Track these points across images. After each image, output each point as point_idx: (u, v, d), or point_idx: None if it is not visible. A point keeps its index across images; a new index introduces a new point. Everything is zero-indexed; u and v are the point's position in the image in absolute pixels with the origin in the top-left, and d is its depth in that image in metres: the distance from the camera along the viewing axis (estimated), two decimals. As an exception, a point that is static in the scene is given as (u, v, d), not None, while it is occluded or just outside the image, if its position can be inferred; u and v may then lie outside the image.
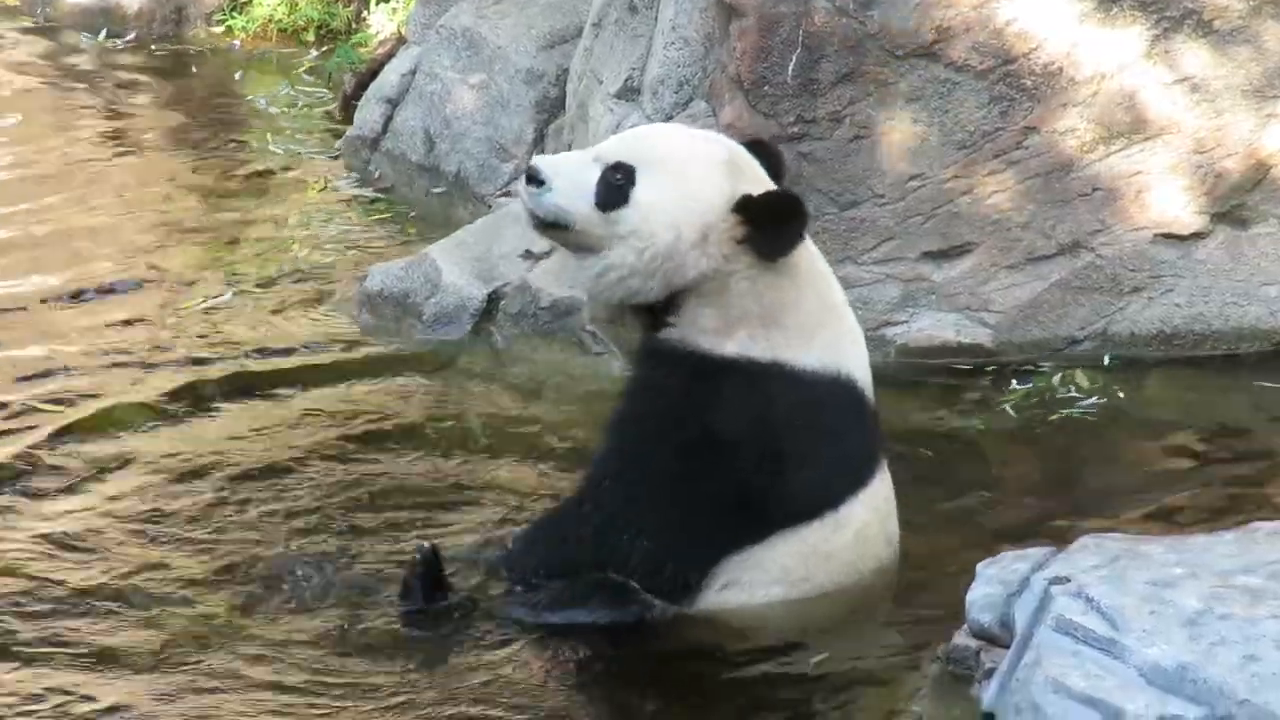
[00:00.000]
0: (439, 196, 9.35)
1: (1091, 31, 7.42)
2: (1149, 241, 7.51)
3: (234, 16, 12.50)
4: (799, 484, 5.47)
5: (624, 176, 5.45)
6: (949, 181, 7.48)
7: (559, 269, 7.72)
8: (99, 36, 12.59)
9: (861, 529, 5.58)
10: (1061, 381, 7.29)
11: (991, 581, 4.79)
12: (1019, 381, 7.33)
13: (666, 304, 5.50)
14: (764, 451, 5.44)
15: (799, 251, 5.48)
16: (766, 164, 5.61)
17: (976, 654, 4.79)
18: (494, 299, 7.94)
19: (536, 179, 5.48)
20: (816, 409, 5.49)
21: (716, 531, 5.49)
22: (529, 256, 8.03)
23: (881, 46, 7.43)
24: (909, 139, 7.46)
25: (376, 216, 9.31)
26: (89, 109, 11.25)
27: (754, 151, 5.61)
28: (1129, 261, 7.50)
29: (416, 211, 9.31)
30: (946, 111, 7.46)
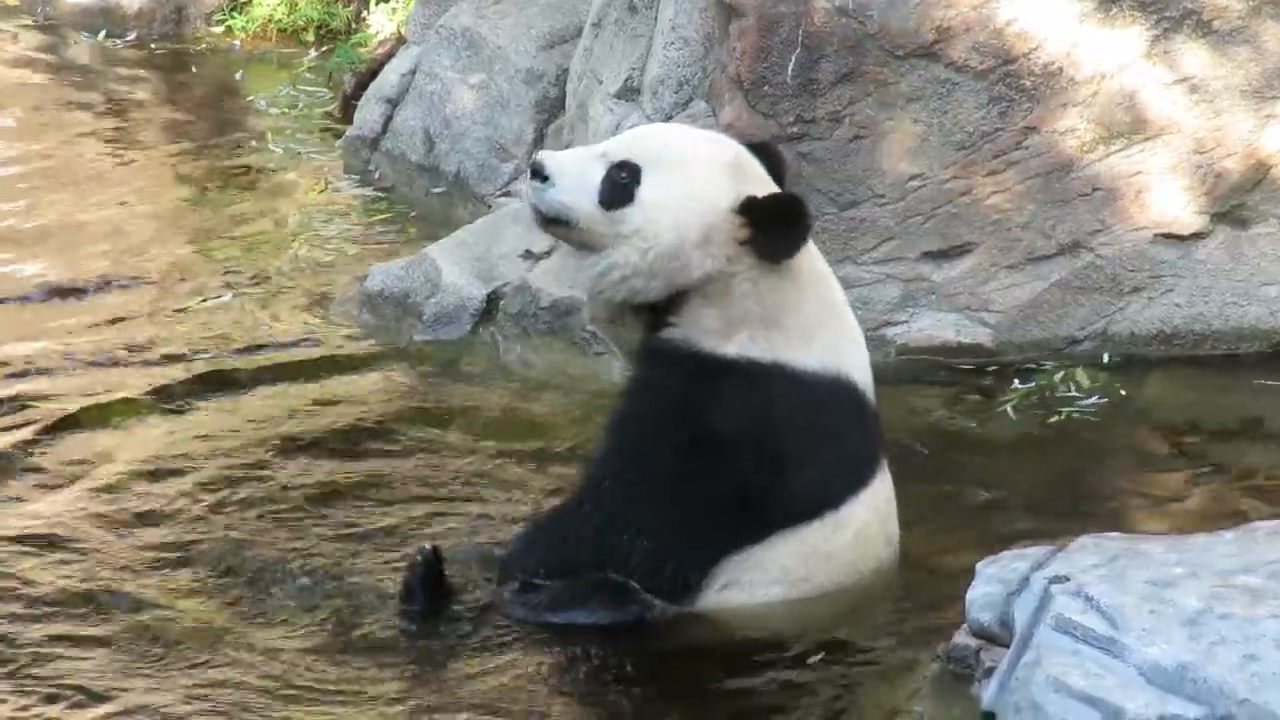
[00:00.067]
0: (439, 196, 9.34)
1: (1091, 32, 7.42)
2: (1149, 241, 7.51)
3: (234, 16, 12.50)
4: (799, 484, 5.47)
5: (629, 175, 5.45)
6: (949, 181, 7.48)
7: (559, 268, 7.72)
8: (99, 36, 12.59)
9: (862, 529, 5.57)
10: (1062, 380, 7.29)
11: (991, 581, 4.78)
12: (1020, 381, 7.33)
13: (668, 304, 5.50)
14: (764, 452, 5.43)
15: (801, 253, 5.48)
16: (768, 165, 5.61)
17: (976, 653, 4.78)
18: (494, 299, 7.94)
19: (541, 174, 5.48)
20: (817, 410, 5.49)
21: (717, 531, 5.49)
22: (529, 256, 8.03)
23: (881, 46, 7.43)
24: (909, 139, 7.46)
25: (376, 216, 9.31)
26: (89, 109, 11.24)
27: (756, 153, 5.61)
28: (1129, 261, 7.50)
29: (416, 211, 9.31)
30: (946, 112, 7.46)
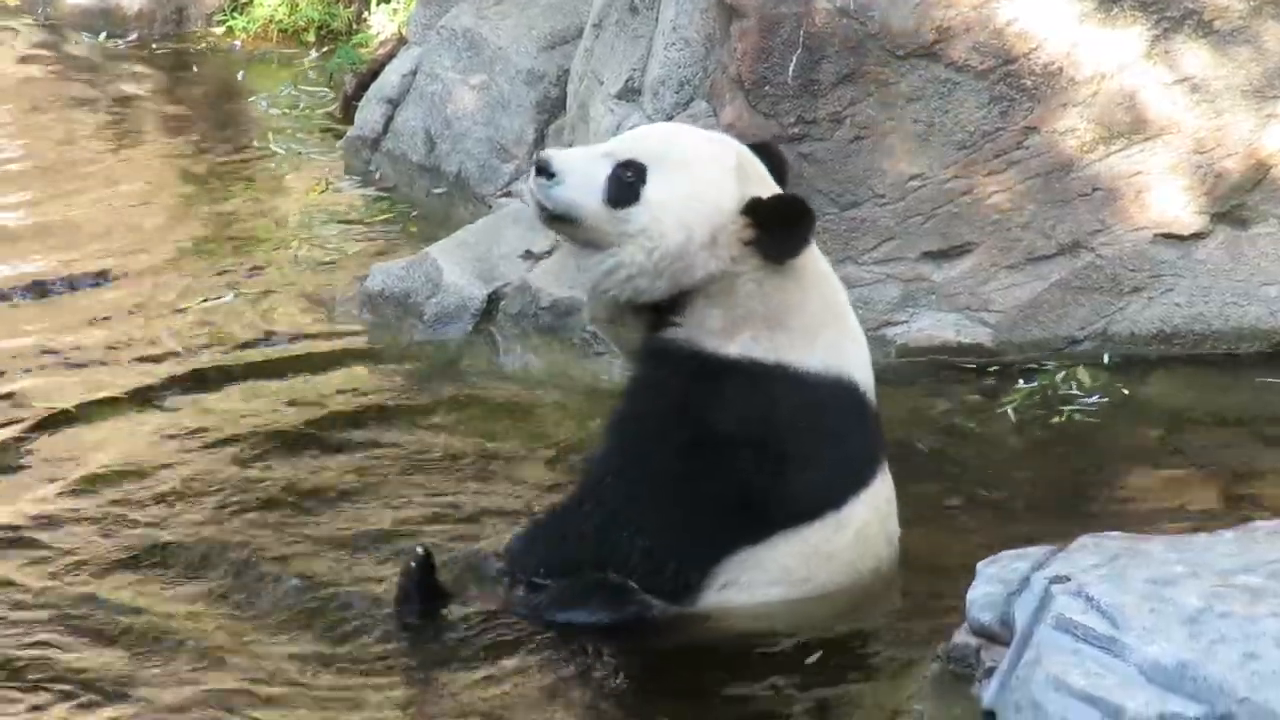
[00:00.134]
0: (440, 197, 9.34)
1: (1092, 31, 7.43)
2: (1149, 241, 7.51)
3: (235, 17, 12.50)
4: (801, 484, 5.47)
5: (635, 174, 5.45)
6: (949, 181, 7.48)
7: (560, 268, 7.72)
8: (100, 37, 12.59)
9: (862, 529, 5.58)
10: (1063, 380, 7.29)
11: (992, 580, 4.78)
12: (1022, 381, 7.33)
13: (670, 304, 5.50)
14: (766, 452, 5.43)
15: (804, 254, 5.49)
16: (770, 166, 5.62)
17: (977, 652, 4.79)
18: (494, 299, 7.94)
19: (547, 171, 5.47)
20: (819, 411, 5.49)
21: (717, 531, 5.48)
22: (529, 257, 8.03)
23: (882, 47, 7.44)
24: (909, 139, 7.46)
25: (377, 217, 9.30)
26: (89, 109, 11.24)
27: (758, 153, 5.62)
28: (1129, 261, 7.50)
29: (417, 211, 9.30)
30: (947, 112, 7.46)
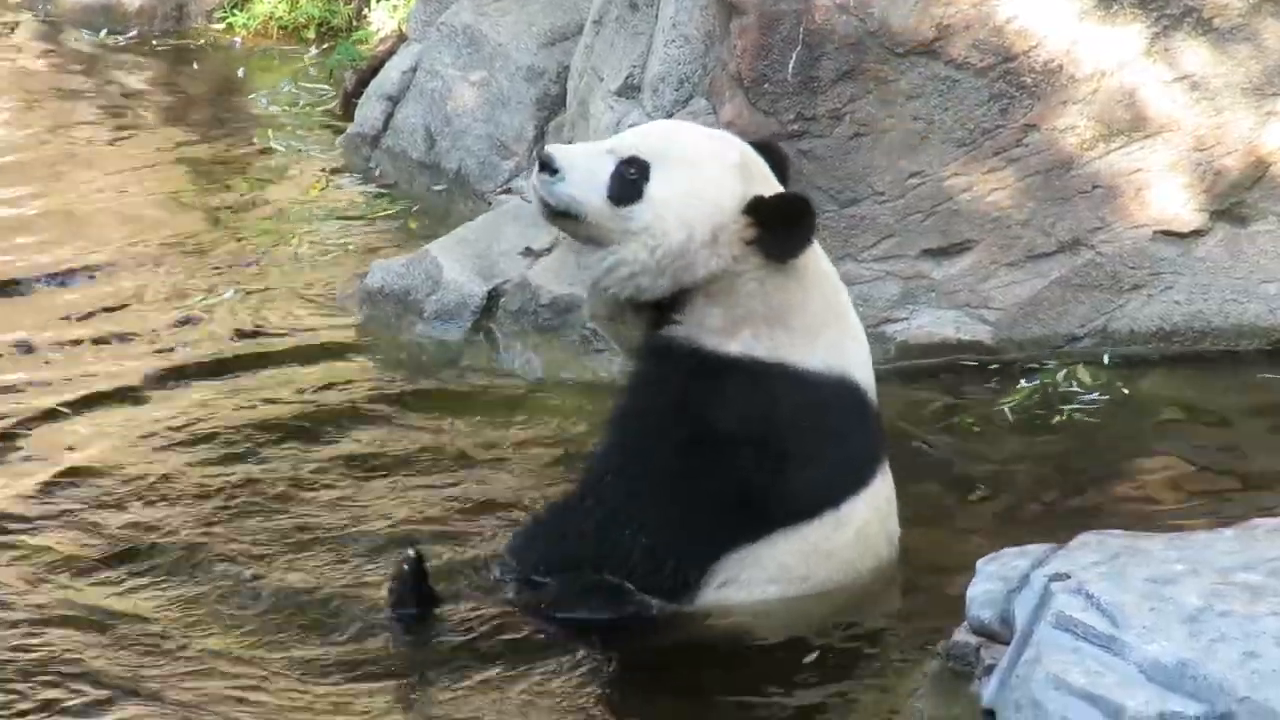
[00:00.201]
0: (440, 193, 9.33)
1: (1091, 29, 7.42)
2: (1149, 239, 7.51)
3: (235, 14, 12.49)
4: (801, 483, 5.47)
5: (638, 172, 5.45)
6: (949, 179, 7.48)
7: (560, 265, 7.72)
8: (100, 33, 12.59)
9: (862, 527, 5.58)
10: (1064, 379, 7.29)
11: (992, 578, 4.78)
12: (1022, 378, 7.33)
13: (672, 301, 5.50)
14: (766, 450, 5.44)
15: (806, 253, 5.49)
16: (772, 164, 5.62)
17: (977, 650, 4.79)
18: (494, 296, 7.93)
19: (550, 167, 5.46)
20: (820, 409, 5.49)
21: (717, 529, 5.49)
22: (529, 254, 8.03)
23: (881, 44, 7.43)
24: (909, 136, 7.46)
25: (377, 214, 9.30)
26: (89, 105, 11.24)
27: (760, 151, 5.62)
28: (1129, 259, 7.50)
29: (417, 208, 9.30)
30: (946, 109, 7.46)
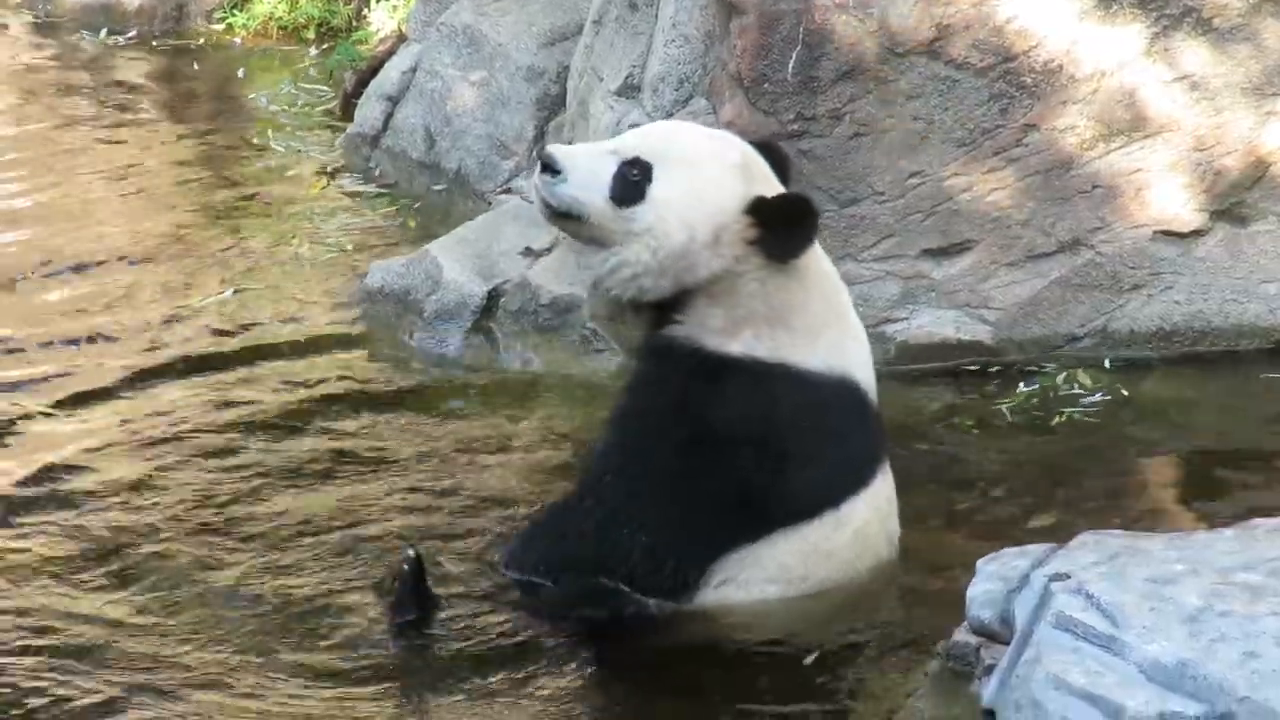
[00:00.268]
0: (439, 193, 9.34)
1: (1091, 29, 7.42)
2: (1149, 239, 7.51)
3: (235, 14, 12.51)
4: (801, 483, 5.48)
5: (640, 173, 5.45)
6: (949, 179, 7.48)
7: (560, 265, 7.73)
8: (100, 34, 12.59)
9: (862, 527, 5.58)
10: (1064, 381, 7.29)
11: (992, 578, 4.78)
12: (1022, 379, 7.33)
13: (673, 302, 5.50)
14: (767, 450, 5.44)
15: (807, 253, 5.49)
16: (773, 164, 5.62)
17: (977, 650, 4.78)
18: (494, 296, 7.93)
19: (553, 168, 5.46)
20: (820, 410, 5.49)
21: (717, 529, 5.49)
22: (529, 254, 8.03)
23: (881, 44, 7.43)
24: (909, 136, 7.46)
25: (377, 214, 9.31)
26: (89, 105, 11.24)
27: (761, 151, 5.62)
28: (1129, 259, 7.50)
29: (417, 208, 9.31)
30: (946, 109, 7.46)
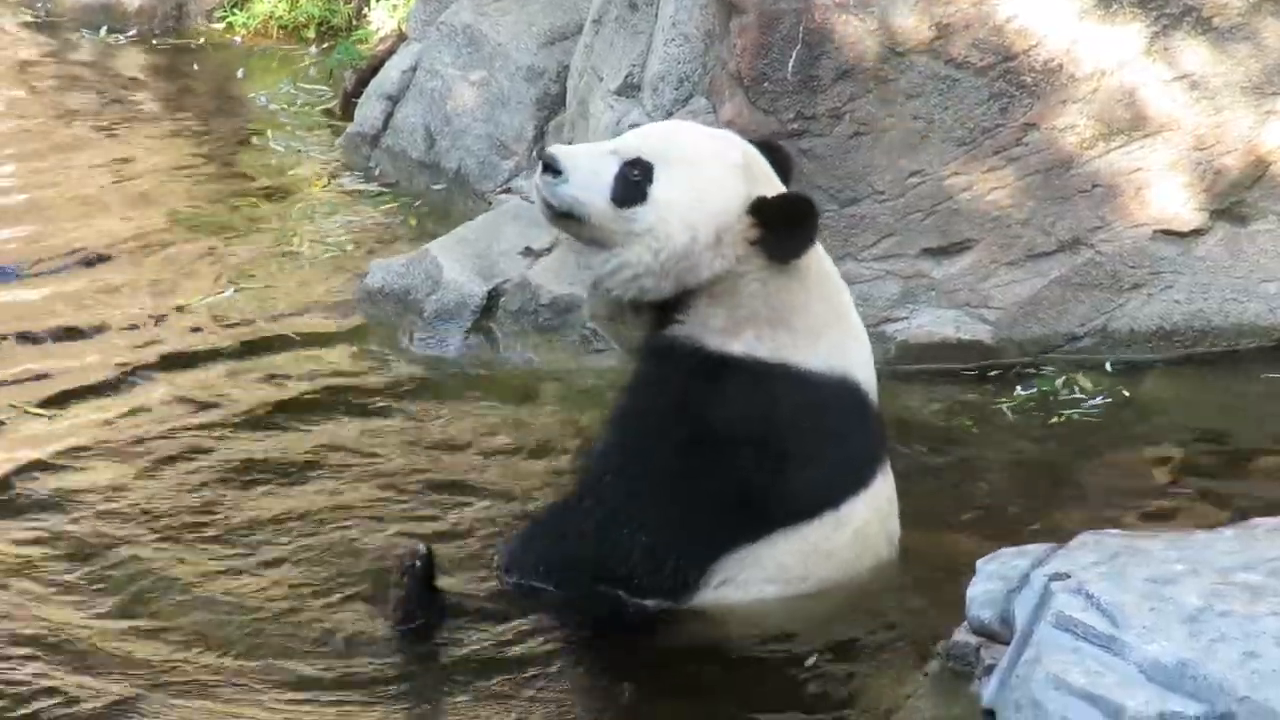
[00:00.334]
0: (439, 193, 9.34)
1: (1091, 28, 7.43)
2: (1149, 238, 7.51)
3: (235, 13, 12.51)
4: (801, 483, 5.47)
5: (642, 173, 5.44)
6: (949, 178, 7.48)
7: (560, 265, 7.72)
8: (100, 33, 12.60)
9: (862, 528, 5.58)
10: (1064, 381, 7.29)
11: (992, 578, 4.78)
12: (1022, 378, 7.34)
13: (674, 302, 5.50)
14: (767, 451, 5.44)
15: (809, 253, 5.48)
16: (775, 164, 5.61)
17: (976, 650, 4.78)
18: (494, 296, 7.93)
19: (554, 168, 5.45)
20: (821, 410, 5.49)
21: (717, 529, 5.49)
22: (529, 254, 8.03)
23: (881, 43, 7.43)
24: (909, 135, 7.46)
25: (377, 213, 9.31)
26: (89, 104, 11.24)
27: (763, 151, 5.61)
28: (1129, 258, 7.50)
29: (417, 208, 9.31)
30: (946, 108, 7.46)
